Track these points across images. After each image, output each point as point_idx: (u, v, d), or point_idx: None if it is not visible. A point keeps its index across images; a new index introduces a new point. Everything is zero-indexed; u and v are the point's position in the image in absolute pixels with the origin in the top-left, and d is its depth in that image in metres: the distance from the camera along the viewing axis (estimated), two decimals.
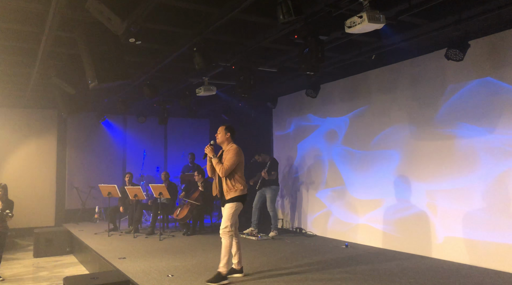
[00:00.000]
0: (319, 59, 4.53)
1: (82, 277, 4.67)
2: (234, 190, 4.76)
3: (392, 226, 6.63)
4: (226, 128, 4.97)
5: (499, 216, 5.20)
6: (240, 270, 4.95)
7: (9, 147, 10.34)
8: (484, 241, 5.33)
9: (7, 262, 7.54)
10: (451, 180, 5.81)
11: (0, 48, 6.19)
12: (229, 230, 4.69)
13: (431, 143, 6.12)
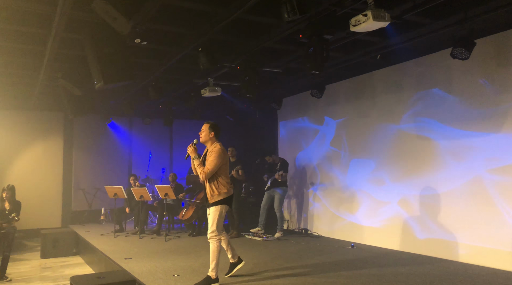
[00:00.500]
0: (324, 58, 4.53)
1: (88, 277, 4.69)
2: (217, 193, 4.58)
3: (398, 227, 6.60)
4: (210, 127, 4.76)
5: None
6: (239, 260, 4.93)
7: (16, 149, 10.42)
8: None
9: (14, 263, 7.59)
10: (468, 179, 5.77)
11: (7, 50, 6.27)
12: (216, 234, 4.59)
13: (437, 143, 6.09)
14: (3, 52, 6.33)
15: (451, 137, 5.89)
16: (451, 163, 5.89)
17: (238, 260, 4.95)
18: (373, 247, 6.83)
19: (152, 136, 11.80)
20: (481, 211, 5.46)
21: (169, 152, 12.25)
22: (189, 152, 4.74)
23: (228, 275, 4.90)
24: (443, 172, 5.98)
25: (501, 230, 5.22)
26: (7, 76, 7.79)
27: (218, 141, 4.81)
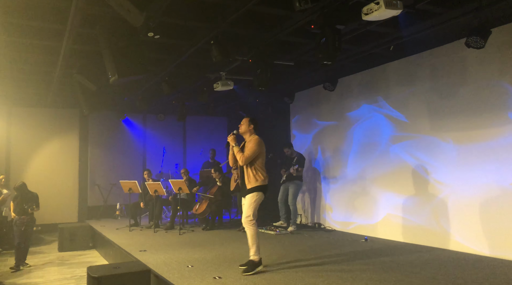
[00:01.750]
0: (336, 48, 4.52)
1: (105, 267, 4.76)
2: (255, 180, 4.81)
3: (413, 219, 6.54)
4: (250, 120, 5.08)
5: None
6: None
7: (34, 146, 10.65)
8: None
9: (33, 255, 7.76)
10: (471, 173, 5.70)
11: (24, 47, 6.39)
12: (251, 219, 4.76)
13: (452, 134, 6.02)
14: (20, 49, 6.46)
15: (468, 129, 5.82)
16: (458, 156, 5.82)
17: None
18: (386, 240, 6.79)
19: (166, 132, 11.92)
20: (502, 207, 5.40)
21: (183, 148, 12.36)
22: (229, 140, 5.02)
23: (241, 265, 4.93)
24: (455, 163, 5.91)
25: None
26: (25, 73, 7.96)
27: (256, 134, 5.07)
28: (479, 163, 5.63)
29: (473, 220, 5.66)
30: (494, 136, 5.48)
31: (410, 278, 4.38)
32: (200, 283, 4.29)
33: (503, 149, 5.36)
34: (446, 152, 6.09)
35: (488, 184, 5.50)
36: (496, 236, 5.38)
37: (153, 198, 8.71)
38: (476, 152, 5.69)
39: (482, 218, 5.55)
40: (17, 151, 10.45)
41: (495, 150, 5.45)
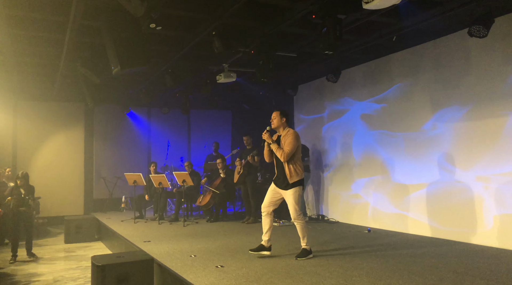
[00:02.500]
0: (337, 37, 4.51)
1: (108, 256, 4.84)
2: (296, 174, 4.81)
3: (416, 211, 6.55)
4: (281, 114, 4.99)
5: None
6: (269, 248, 5.03)
7: (40, 139, 10.75)
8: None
9: (40, 247, 7.89)
10: (466, 162, 5.69)
11: (28, 40, 6.45)
12: (300, 213, 4.84)
13: (454, 125, 6.00)
14: (24, 42, 6.52)
15: (470, 120, 5.80)
16: (461, 149, 5.80)
17: (269, 247, 5.04)
18: (389, 232, 6.80)
19: (170, 125, 11.98)
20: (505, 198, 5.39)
21: (187, 141, 12.41)
22: (265, 138, 4.96)
23: (252, 250, 5.02)
24: (459, 155, 5.90)
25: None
26: (29, 66, 8.03)
27: (289, 127, 5.05)
28: (483, 152, 5.62)
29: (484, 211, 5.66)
30: (498, 126, 5.45)
31: (410, 267, 4.40)
32: (202, 271, 4.34)
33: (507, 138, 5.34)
34: (448, 142, 6.08)
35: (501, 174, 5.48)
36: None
37: (157, 191, 8.78)
38: (479, 142, 5.67)
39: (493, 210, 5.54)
40: (23, 144, 10.57)
41: (499, 140, 5.43)
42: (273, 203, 5.04)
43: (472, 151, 5.74)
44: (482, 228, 5.56)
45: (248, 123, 11.42)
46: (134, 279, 4.29)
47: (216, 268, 4.49)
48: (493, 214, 5.44)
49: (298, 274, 4.16)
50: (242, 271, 4.32)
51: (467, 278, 3.94)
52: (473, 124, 5.76)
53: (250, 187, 8.11)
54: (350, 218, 7.90)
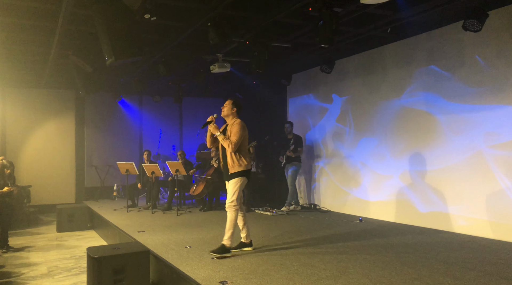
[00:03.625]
0: (334, 31, 4.50)
1: (104, 248, 4.84)
2: (238, 164, 4.71)
3: (407, 200, 6.66)
4: (233, 103, 4.92)
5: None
6: (250, 244, 4.99)
7: (30, 127, 10.63)
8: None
9: (32, 236, 7.88)
10: (461, 155, 5.79)
11: (18, 27, 6.31)
12: (235, 204, 4.69)
13: (447, 117, 6.08)
14: (15, 29, 6.38)
15: (463, 112, 5.88)
16: (452, 138, 5.89)
17: (250, 243, 4.99)
18: (380, 221, 6.92)
19: (162, 113, 11.91)
20: (480, 184, 5.50)
21: (179, 129, 12.37)
22: (212, 130, 4.83)
23: (233, 249, 4.87)
24: (443, 146, 5.99)
25: (500, 202, 5.28)
26: (19, 54, 7.87)
27: (238, 118, 4.95)
28: (471, 144, 5.71)
29: (471, 201, 5.78)
30: (489, 118, 5.54)
31: (402, 258, 4.50)
32: (198, 263, 4.38)
33: (499, 129, 5.43)
34: (436, 133, 6.16)
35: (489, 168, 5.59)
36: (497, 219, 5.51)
37: (150, 180, 8.77)
38: (471, 134, 5.76)
39: (483, 198, 5.66)
40: (13, 132, 10.44)
41: (491, 132, 5.52)
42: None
43: (458, 142, 5.84)
44: (473, 217, 5.69)
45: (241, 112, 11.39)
46: (130, 270, 4.31)
47: (212, 259, 4.54)
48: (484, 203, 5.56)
49: (293, 265, 4.23)
50: (237, 263, 4.38)
51: (458, 269, 4.05)
52: (463, 117, 5.83)
53: None
54: (342, 207, 8.01)
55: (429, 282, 3.68)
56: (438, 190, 6.17)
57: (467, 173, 5.77)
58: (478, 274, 3.89)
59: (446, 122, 6.09)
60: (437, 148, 6.21)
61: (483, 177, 5.55)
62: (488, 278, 3.78)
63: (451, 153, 6.00)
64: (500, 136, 5.38)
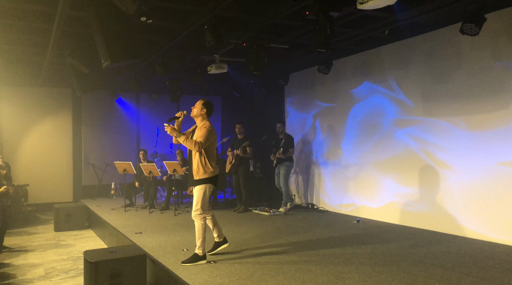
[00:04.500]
0: (328, 36, 4.47)
1: (101, 251, 4.84)
2: (203, 171, 4.55)
3: (405, 201, 6.68)
4: (204, 104, 4.74)
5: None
6: (224, 241, 4.93)
7: (26, 125, 10.59)
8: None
9: (30, 236, 7.88)
10: (458, 156, 5.80)
11: (14, 28, 6.28)
12: (200, 213, 4.59)
13: (445, 119, 6.08)
14: (11, 30, 6.35)
15: (459, 114, 5.88)
16: (460, 138, 5.90)
17: (224, 240, 4.93)
18: (378, 222, 6.95)
19: (159, 112, 11.86)
20: (488, 186, 5.51)
21: None
22: (169, 131, 4.65)
23: (210, 253, 4.86)
24: (448, 149, 6.00)
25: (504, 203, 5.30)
26: (15, 53, 7.83)
27: (208, 120, 4.80)
28: (475, 145, 5.72)
29: (471, 203, 5.79)
30: (487, 122, 5.55)
31: (399, 262, 4.52)
32: (195, 268, 4.39)
33: (499, 133, 5.44)
34: (441, 134, 6.17)
35: (489, 166, 5.59)
36: (497, 220, 5.53)
37: (148, 179, 8.77)
38: (470, 136, 5.77)
39: (482, 201, 5.67)
40: (9, 131, 10.40)
41: (491, 134, 5.53)
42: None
43: (456, 144, 5.85)
44: (473, 220, 5.71)
45: (238, 110, 11.39)
46: (127, 275, 4.31)
47: (209, 263, 4.55)
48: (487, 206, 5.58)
49: (290, 270, 4.25)
50: (234, 267, 4.39)
51: (454, 274, 4.07)
52: (462, 119, 5.84)
53: (242, 177, 8.16)
54: (339, 207, 8.03)
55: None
56: (436, 190, 6.18)
57: (471, 175, 5.78)
58: (474, 280, 3.91)
59: (447, 124, 6.09)
60: (433, 151, 6.22)
61: (489, 178, 5.55)
62: (484, 283, 3.80)
63: (450, 153, 6.01)
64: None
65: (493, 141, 5.44)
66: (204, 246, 4.62)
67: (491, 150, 5.46)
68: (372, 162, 7.32)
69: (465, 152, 5.77)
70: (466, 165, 5.75)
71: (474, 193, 5.64)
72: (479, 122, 5.62)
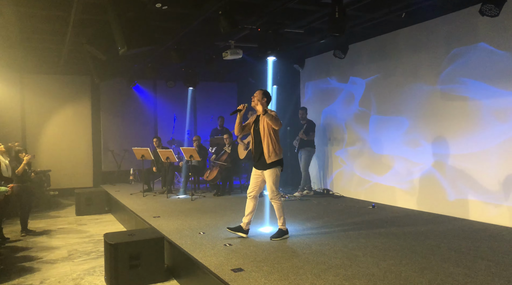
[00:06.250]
0: (341, 20, 4.42)
1: (121, 234, 4.99)
2: (275, 154, 4.80)
3: (420, 187, 6.64)
4: (263, 93, 4.93)
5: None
6: (247, 231, 5.07)
7: (48, 113, 10.85)
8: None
9: (52, 219, 8.16)
10: (471, 141, 5.71)
11: (34, 17, 6.40)
12: (277, 193, 4.87)
13: (462, 103, 5.98)
14: (30, 19, 6.47)
15: (479, 98, 5.78)
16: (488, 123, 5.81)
17: (246, 231, 5.08)
18: (393, 207, 6.93)
19: (176, 99, 12.00)
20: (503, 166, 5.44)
21: (193, 114, 12.45)
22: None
23: (229, 228, 5.11)
24: (469, 133, 5.92)
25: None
26: (35, 42, 7.99)
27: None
28: (492, 129, 5.63)
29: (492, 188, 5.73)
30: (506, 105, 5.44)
31: (413, 246, 4.52)
32: (212, 250, 4.49)
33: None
34: (455, 120, 6.08)
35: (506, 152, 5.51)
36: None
37: (165, 165, 8.91)
38: (488, 120, 5.68)
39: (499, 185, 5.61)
40: (32, 118, 10.67)
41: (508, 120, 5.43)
42: (257, 186, 5.02)
43: (475, 129, 5.76)
44: (491, 205, 5.66)
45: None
46: (146, 256, 4.46)
47: (225, 246, 4.64)
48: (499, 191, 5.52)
49: (304, 253, 4.31)
50: (249, 250, 4.47)
51: (469, 258, 4.06)
52: (480, 103, 5.74)
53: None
54: (355, 193, 8.03)
55: (439, 271, 3.70)
56: (451, 176, 6.13)
57: (492, 160, 5.70)
58: (489, 264, 3.89)
59: (466, 108, 6.00)
60: (454, 136, 6.14)
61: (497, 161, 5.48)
62: (499, 267, 3.78)
63: (474, 140, 5.93)
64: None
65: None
66: (285, 223, 4.97)
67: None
68: (391, 147, 7.26)
69: (489, 137, 5.67)
70: (490, 149, 5.66)
71: (485, 176, 5.57)
72: (498, 105, 5.50)
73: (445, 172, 6.24)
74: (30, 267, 5.14)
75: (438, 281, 3.46)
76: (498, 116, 5.53)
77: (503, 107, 5.45)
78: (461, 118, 6.01)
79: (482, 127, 5.72)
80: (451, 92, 6.16)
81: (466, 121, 5.93)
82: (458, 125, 6.05)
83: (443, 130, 6.28)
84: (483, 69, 5.70)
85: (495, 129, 5.56)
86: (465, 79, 5.95)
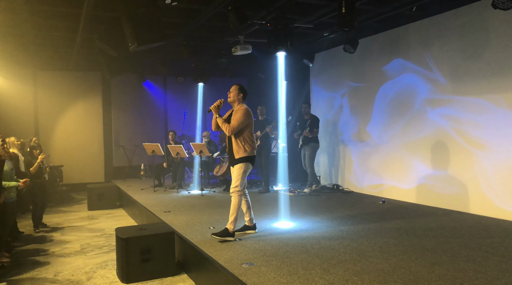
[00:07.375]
0: (343, 14, 4.39)
1: (132, 228, 5.06)
2: (243, 150, 4.76)
3: (431, 181, 6.60)
4: (239, 89, 4.93)
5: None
6: (253, 227, 5.08)
7: (60, 108, 11.00)
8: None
9: (65, 214, 8.29)
10: (492, 136, 5.65)
11: (46, 14, 6.48)
12: (239, 189, 4.78)
13: (475, 99, 5.91)
14: (42, 16, 6.55)
15: (493, 93, 5.71)
16: (498, 116, 5.74)
17: (253, 226, 5.09)
18: (403, 202, 6.90)
19: (186, 94, 12.05)
20: None
21: (203, 110, 12.47)
22: (212, 110, 4.91)
23: (237, 231, 4.96)
24: (479, 129, 5.85)
25: None
26: (47, 39, 8.09)
27: (244, 103, 4.96)
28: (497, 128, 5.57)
29: (506, 183, 5.68)
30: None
31: (423, 242, 4.51)
32: (221, 245, 4.53)
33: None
34: (466, 115, 6.02)
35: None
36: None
37: (175, 160, 8.98)
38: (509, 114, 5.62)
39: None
40: (44, 114, 10.83)
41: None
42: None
43: (492, 123, 5.69)
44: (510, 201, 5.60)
45: (263, 92, 11.38)
46: (156, 250, 4.52)
47: (234, 241, 4.68)
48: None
49: (313, 248, 4.32)
50: (259, 245, 4.50)
51: (480, 254, 4.03)
52: (492, 97, 5.67)
53: (264, 158, 8.24)
54: (365, 188, 8.00)
55: (449, 267, 3.69)
56: (462, 170, 6.07)
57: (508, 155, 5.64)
58: (500, 260, 3.86)
59: (479, 104, 5.93)
60: (471, 127, 6.08)
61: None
62: (511, 263, 3.75)
63: (485, 131, 5.87)
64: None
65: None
66: (235, 223, 4.79)
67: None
68: (402, 142, 7.22)
69: (503, 131, 5.60)
70: (504, 144, 5.59)
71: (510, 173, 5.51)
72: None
73: (456, 166, 6.19)
74: (44, 261, 5.24)
75: (448, 276, 3.44)
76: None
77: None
78: (477, 115, 5.94)
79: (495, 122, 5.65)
80: (465, 87, 6.09)
81: (484, 118, 5.86)
82: (477, 121, 5.98)
83: (453, 127, 6.21)
84: (495, 64, 5.62)
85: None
86: (477, 73, 5.88)
